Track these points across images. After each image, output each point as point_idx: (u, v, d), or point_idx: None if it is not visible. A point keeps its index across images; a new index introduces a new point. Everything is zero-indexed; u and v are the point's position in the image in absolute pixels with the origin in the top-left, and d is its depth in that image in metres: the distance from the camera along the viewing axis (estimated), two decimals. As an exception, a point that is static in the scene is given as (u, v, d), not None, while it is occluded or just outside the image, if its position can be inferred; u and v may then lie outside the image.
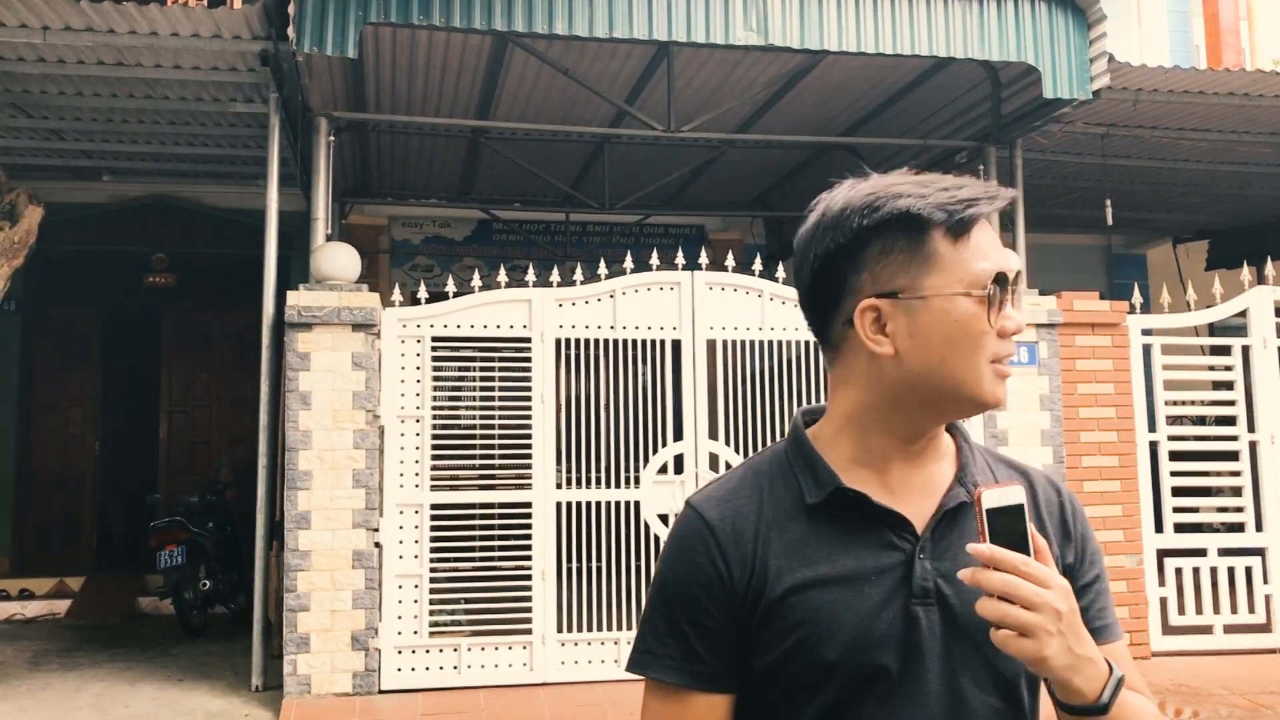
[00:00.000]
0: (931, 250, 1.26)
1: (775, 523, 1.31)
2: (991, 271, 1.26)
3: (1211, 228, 11.61)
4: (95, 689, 6.71)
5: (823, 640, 1.25)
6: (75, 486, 10.46)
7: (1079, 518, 1.39)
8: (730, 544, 1.31)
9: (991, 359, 1.26)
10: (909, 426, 1.32)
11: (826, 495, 1.30)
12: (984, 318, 1.25)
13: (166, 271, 10.72)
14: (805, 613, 1.26)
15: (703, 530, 1.33)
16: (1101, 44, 6.92)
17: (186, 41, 6.38)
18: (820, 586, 1.27)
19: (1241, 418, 7.55)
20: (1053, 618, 1.12)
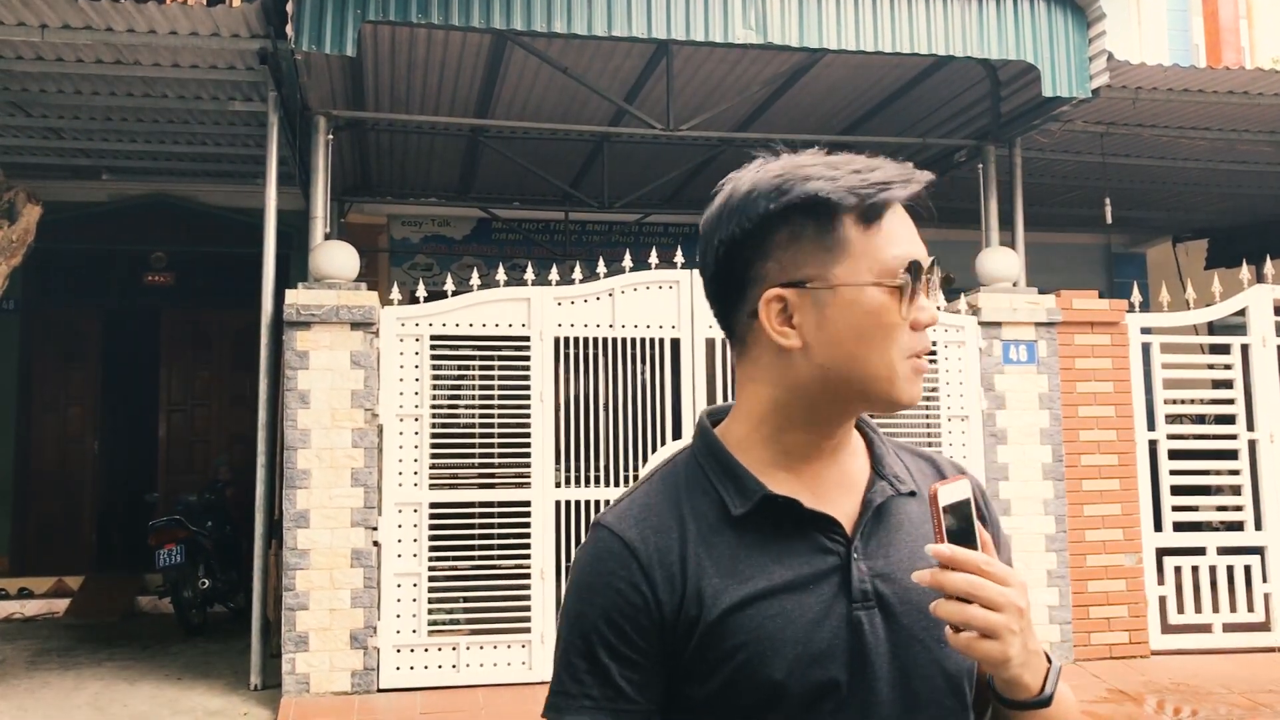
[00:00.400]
0: (841, 236, 1.19)
1: (701, 538, 1.21)
2: (905, 259, 1.18)
3: (1211, 226, 11.61)
4: (94, 688, 6.71)
5: (767, 659, 1.16)
6: (74, 485, 10.46)
7: (989, 507, 1.33)
8: (654, 566, 1.19)
9: (906, 354, 1.19)
10: (824, 424, 1.24)
11: (754, 504, 1.21)
12: (896, 309, 1.18)
13: (165, 270, 10.71)
14: (746, 633, 1.17)
15: (622, 553, 1.21)
16: (1101, 42, 6.91)
17: (185, 40, 6.37)
18: (759, 602, 1.18)
19: (1241, 416, 7.55)
20: (1016, 617, 1.08)
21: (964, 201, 8.69)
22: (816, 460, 1.25)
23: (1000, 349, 7.30)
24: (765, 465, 1.24)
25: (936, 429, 7.19)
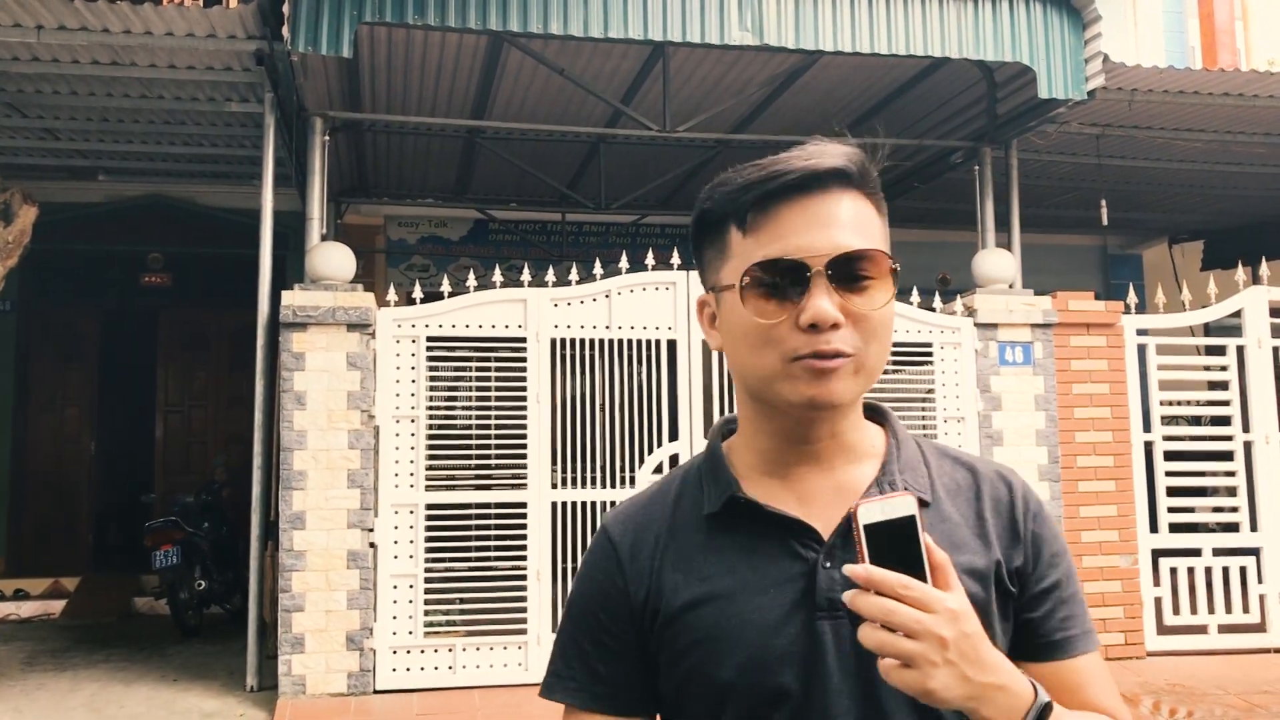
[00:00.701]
0: (726, 242, 1.21)
1: (675, 535, 1.25)
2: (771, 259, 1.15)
3: (1207, 228, 11.62)
4: (90, 689, 6.71)
5: (718, 660, 1.17)
6: (71, 486, 10.45)
7: (1034, 517, 1.24)
8: (628, 559, 1.25)
9: (789, 355, 1.14)
10: (778, 426, 1.22)
11: (723, 504, 1.22)
12: (768, 310, 1.15)
13: (162, 271, 10.71)
14: (700, 631, 1.18)
15: (605, 547, 1.28)
16: (1096, 44, 6.92)
17: (181, 41, 6.37)
18: (715, 601, 1.18)
19: (1236, 418, 7.56)
20: (935, 646, 0.99)
21: (960, 203, 8.71)
22: (801, 466, 1.23)
23: (996, 350, 7.31)
24: (755, 471, 1.25)
25: (933, 430, 7.20)
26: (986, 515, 1.23)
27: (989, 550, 1.21)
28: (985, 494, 1.25)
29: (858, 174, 1.19)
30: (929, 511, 1.20)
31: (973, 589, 1.13)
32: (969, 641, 1.02)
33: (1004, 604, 1.20)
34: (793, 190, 1.16)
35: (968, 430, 7.20)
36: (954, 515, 1.22)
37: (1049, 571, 1.22)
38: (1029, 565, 1.22)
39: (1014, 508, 1.24)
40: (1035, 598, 1.21)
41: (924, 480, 1.24)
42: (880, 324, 1.17)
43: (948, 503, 1.23)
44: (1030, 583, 1.22)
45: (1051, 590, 1.22)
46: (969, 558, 1.18)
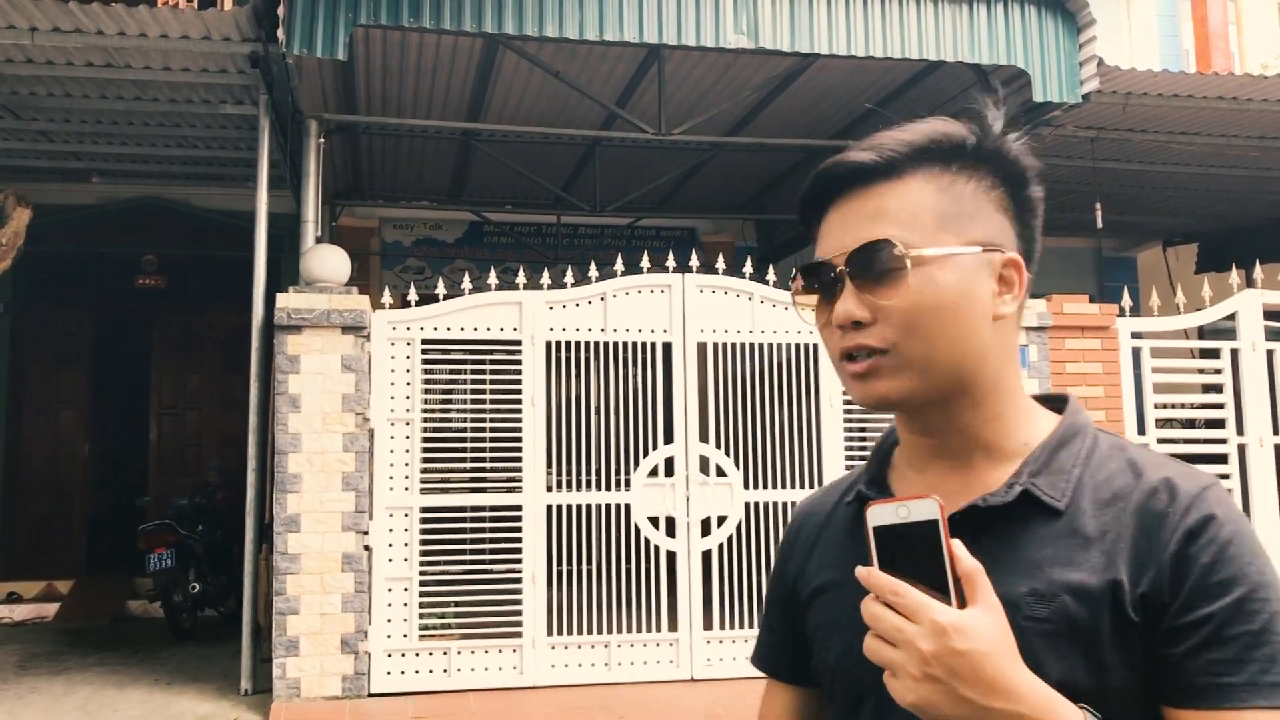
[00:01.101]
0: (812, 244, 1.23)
1: (830, 522, 1.30)
2: (805, 264, 1.17)
3: (1201, 231, 11.64)
4: (83, 693, 6.69)
5: (828, 645, 1.22)
6: (65, 489, 10.42)
7: (1190, 535, 1.02)
8: (793, 542, 1.35)
9: (837, 355, 1.16)
10: (900, 421, 1.22)
11: (854, 496, 1.26)
12: (817, 312, 1.17)
13: (157, 273, 10.69)
14: (821, 615, 1.24)
15: (789, 527, 1.39)
16: (1091, 48, 6.94)
17: (176, 43, 6.36)
18: (835, 589, 1.22)
19: (1230, 420, 7.57)
20: (914, 658, 0.95)
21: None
22: (935, 461, 1.18)
23: (991, 353, 7.30)
24: (905, 464, 1.24)
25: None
26: (1126, 528, 1.06)
27: (1110, 570, 1.04)
28: (1135, 503, 1.07)
29: (897, 158, 1.13)
30: (1059, 521, 1.08)
31: (1075, 612, 1.03)
32: (963, 659, 0.94)
33: (1125, 634, 1.03)
34: (830, 192, 1.17)
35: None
36: (1089, 527, 1.07)
37: (1199, 602, 1.00)
38: (1165, 592, 1.02)
39: (1164, 523, 1.04)
40: (1176, 631, 1.01)
41: (1064, 485, 1.10)
42: (913, 313, 1.09)
43: (1089, 513, 1.08)
44: (1168, 613, 1.02)
45: (1199, 625, 1.00)
46: (1081, 576, 1.05)
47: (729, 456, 6.94)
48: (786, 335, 7.10)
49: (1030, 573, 1.06)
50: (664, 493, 6.83)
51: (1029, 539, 1.09)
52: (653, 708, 6.21)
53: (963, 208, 1.13)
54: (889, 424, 1.30)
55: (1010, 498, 1.10)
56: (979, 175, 1.14)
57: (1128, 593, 1.03)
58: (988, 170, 1.15)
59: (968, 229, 1.12)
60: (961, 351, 1.11)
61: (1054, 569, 1.05)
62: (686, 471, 6.86)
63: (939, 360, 1.11)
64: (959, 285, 1.10)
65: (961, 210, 1.13)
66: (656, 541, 6.79)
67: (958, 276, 1.11)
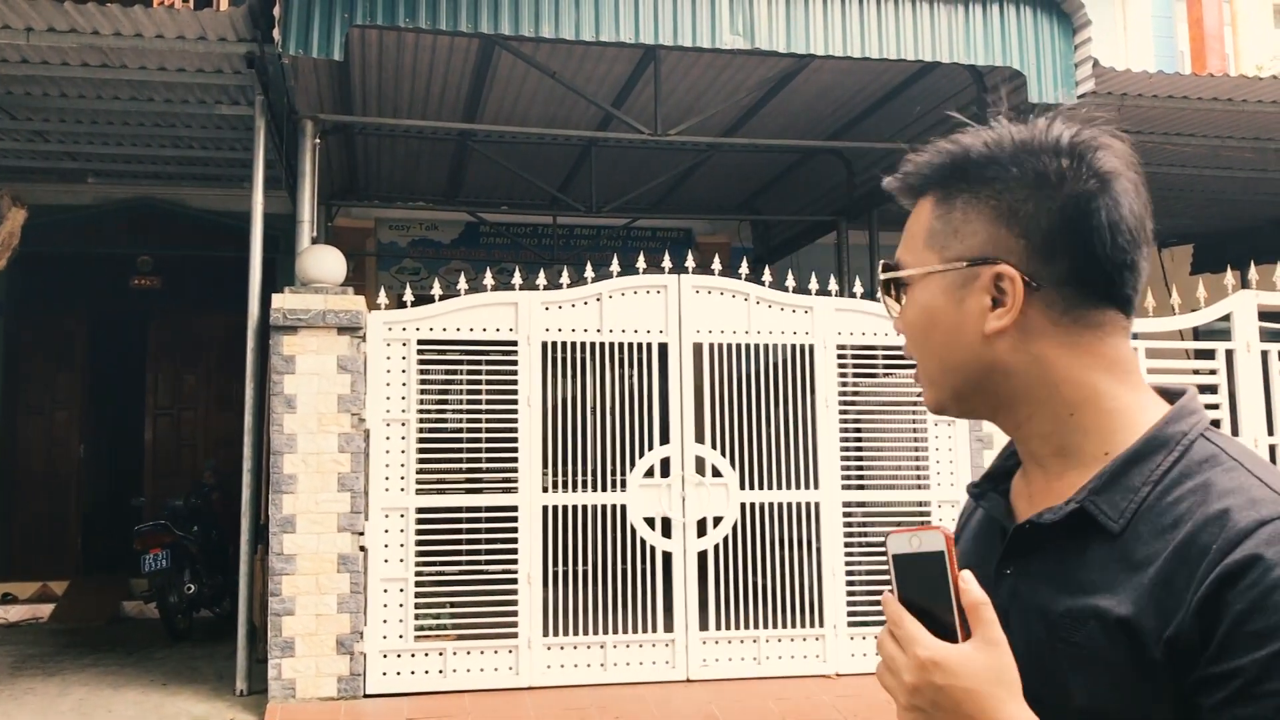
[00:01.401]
0: None
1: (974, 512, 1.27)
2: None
3: (1196, 232, 11.66)
4: (78, 694, 6.68)
5: None
6: (60, 489, 10.41)
7: (1228, 581, 0.92)
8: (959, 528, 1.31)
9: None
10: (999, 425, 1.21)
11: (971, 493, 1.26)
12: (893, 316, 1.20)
13: (152, 274, 10.68)
14: None
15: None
16: (1086, 49, 6.95)
17: (171, 43, 6.36)
18: None
19: (1226, 421, 7.57)
20: (900, 687, 0.98)
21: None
22: (1032, 466, 1.14)
23: (987, 354, 7.30)
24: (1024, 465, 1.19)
25: (923, 433, 7.21)
26: (1166, 561, 0.98)
27: (1134, 602, 0.98)
28: (1185, 534, 0.98)
29: (917, 182, 1.14)
30: (1114, 543, 1.02)
31: (1099, 639, 0.99)
32: (944, 694, 0.94)
33: (1148, 668, 0.97)
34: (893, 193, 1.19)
35: (958, 434, 7.21)
36: (1136, 554, 1.00)
37: (1231, 653, 0.91)
38: (1195, 636, 0.93)
39: (1204, 559, 0.95)
40: (1205, 682, 0.93)
41: (1126, 505, 1.02)
42: (909, 331, 1.14)
43: (1144, 539, 1.01)
44: (1200, 660, 0.93)
45: (1230, 678, 0.91)
46: (1111, 604, 0.99)
47: (725, 457, 6.94)
48: (782, 336, 7.10)
49: (1071, 593, 1.03)
50: (660, 493, 6.83)
51: (1080, 559, 1.04)
52: (649, 708, 6.21)
53: (949, 224, 1.11)
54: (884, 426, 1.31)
55: (1060, 516, 1.05)
56: (978, 187, 1.10)
57: (1150, 631, 0.96)
58: (991, 180, 1.09)
59: (950, 245, 1.10)
60: (955, 367, 1.10)
61: (1093, 593, 1.01)
62: (682, 472, 6.86)
63: (942, 374, 1.12)
64: (932, 303, 1.11)
65: (946, 227, 1.11)
66: (652, 542, 6.79)
67: (931, 295, 1.11)
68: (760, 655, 6.81)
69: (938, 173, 1.12)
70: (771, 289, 7.16)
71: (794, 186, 10.65)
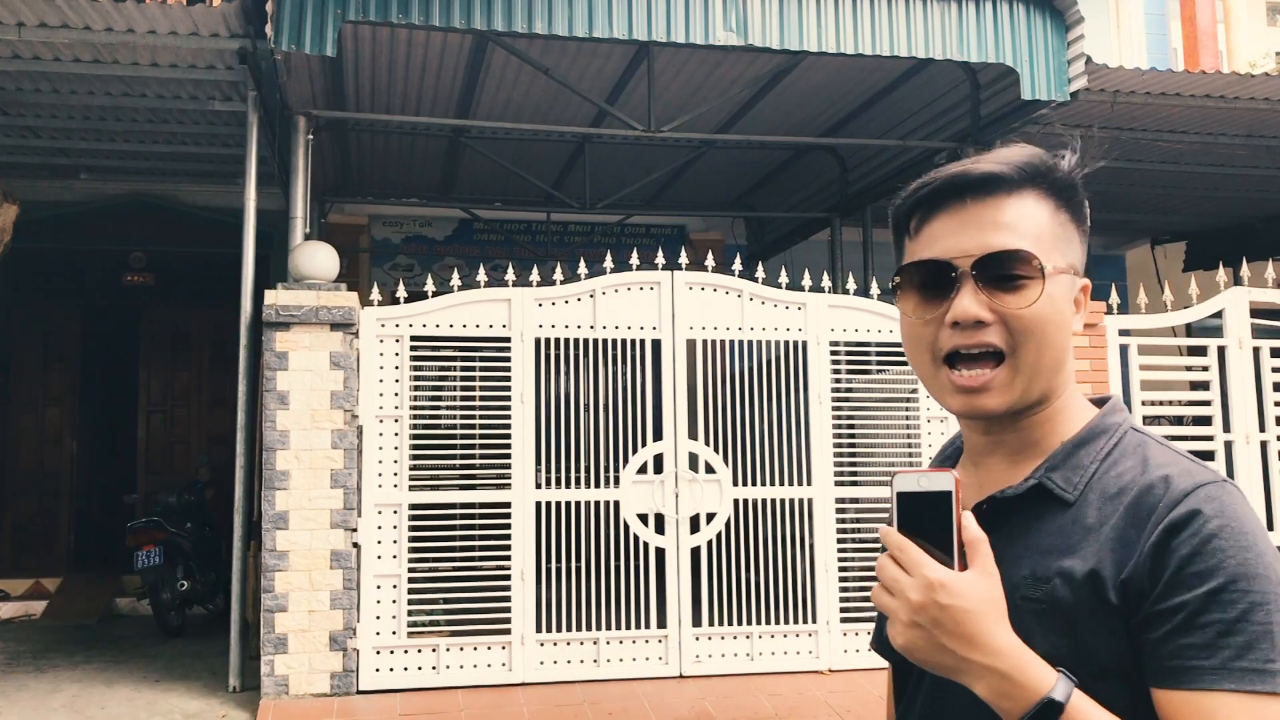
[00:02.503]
0: (902, 247, 1.30)
1: None
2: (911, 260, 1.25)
3: (1189, 229, 11.69)
4: (71, 690, 6.67)
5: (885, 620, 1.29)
6: (52, 486, 10.40)
7: (1173, 530, 1.10)
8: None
9: (942, 353, 1.22)
10: (963, 421, 1.30)
11: None
12: (915, 310, 1.23)
13: (145, 270, 10.66)
14: None
15: None
16: (1079, 46, 6.96)
17: (164, 39, 6.34)
18: None
19: (1217, 418, 7.60)
20: (905, 606, 1.08)
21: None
22: (990, 455, 1.28)
23: (980, 350, 7.31)
24: (967, 456, 1.33)
25: (916, 430, 7.22)
26: (1119, 520, 1.15)
27: (1095, 558, 1.13)
28: (1132, 497, 1.15)
29: (1021, 176, 1.23)
30: (1068, 512, 1.18)
31: (1061, 595, 1.14)
32: (946, 613, 1.06)
33: (1105, 617, 1.12)
34: (949, 196, 1.23)
35: (949, 430, 7.20)
36: (1090, 518, 1.17)
37: (1174, 591, 1.08)
38: (1144, 580, 1.10)
39: (1151, 515, 1.12)
40: (1152, 617, 1.09)
41: (1078, 479, 1.20)
42: (1035, 323, 1.19)
43: (1095, 505, 1.18)
44: (1146, 599, 1.10)
45: (1173, 612, 1.07)
46: (1071, 562, 1.15)
47: (718, 453, 6.95)
48: (776, 332, 7.11)
49: (1033, 558, 1.17)
50: (653, 489, 6.83)
51: (1040, 528, 1.20)
52: (642, 704, 6.22)
53: (1065, 233, 1.24)
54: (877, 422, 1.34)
55: (1023, 490, 1.21)
56: (1069, 206, 1.25)
57: (1109, 579, 1.12)
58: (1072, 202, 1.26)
59: (1068, 253, 1.23)
60: (1058, 361, 1.22)
61: (1051, 556, 1.17)
62: (675, 468, 6.86)
63: (1044, 368, 1.20)
64: (1065, 302, 1.22)
65: (1063, 235, 1.24)
66: (646, 538, 6.79)
67: (1064, 294, 1.22)
68: (753, 651, 6.82)
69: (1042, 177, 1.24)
70: (765, 286, 7.16)
71: (788, 183, 10.66)
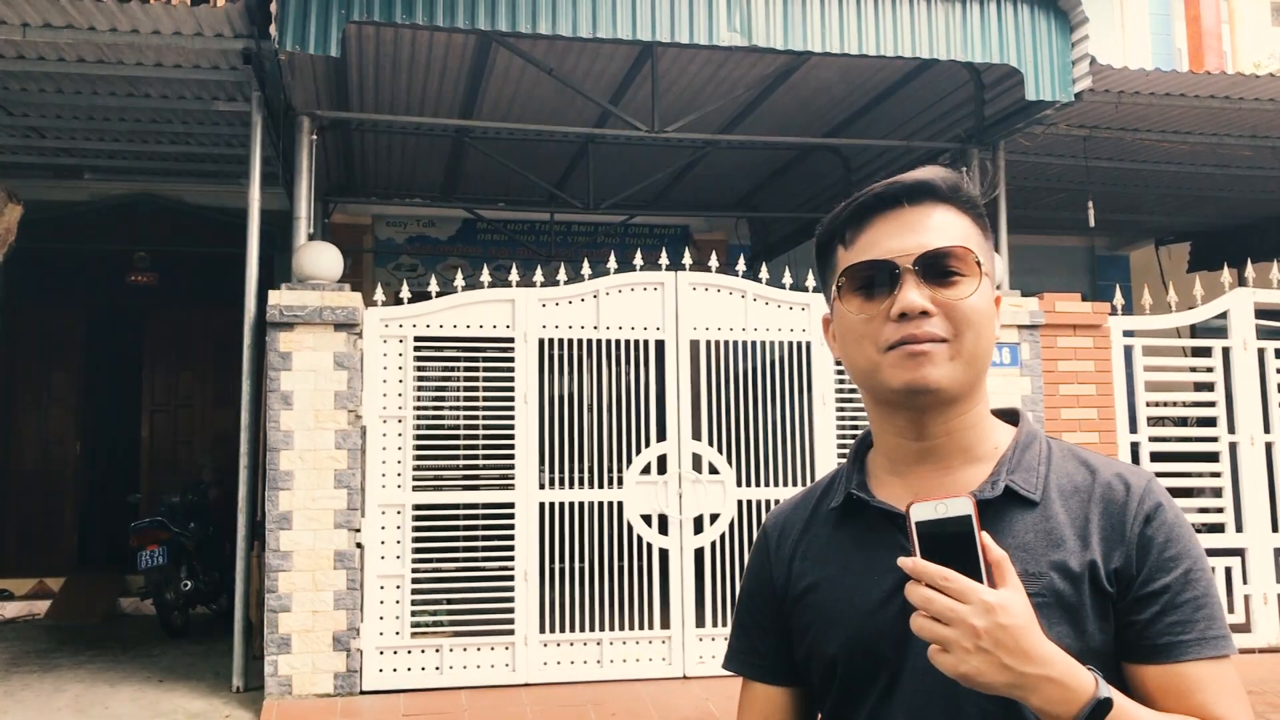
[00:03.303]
0: (835, 258, 1.36)
1: (810, 527, 1.42)
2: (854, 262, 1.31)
3: (1194, 230, 11.67)
4: (74, 690, 6.68)
5: (825, 637, 1.33)
6: (56, 486, 10.40)
7: (1147, 519, 1.25)
8: (774, 548, 1.45)
9: (884, 345, 1.28)
10: (895, 424, 1.34)
11: (842, 500, 1.38)
12: (859, 308, 1.30)
13: (149, 270, 10.66)
14: (814, 611, 1.36)
15: (761, 537, 1.50)
16: (1084, 46, 6.95)
17: (168, 39, 6.34)
18: (829, 586, 1.35)
19: (1222, 419, 7.59)
20: (966, 633, 1.10)
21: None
22: (919, 465, 1.34)
23: (984, 351, 7.30)
24: (883, 470, 1.38)
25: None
26: (1093, 516, 1.27)
27: (1086, 550, 1.24)
28: (1097, 495, 1.28)
29: (947, 190, 1.32)
30: (1035, 511, 1.28)
31: (1061, 587, 1.23)
32: (1007, 632, 1.10)
33: (1101, 604, 1.23)
34: (885, 204, 1.31)
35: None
36: (1060, 515, 1.27)
37: (1158, 575, 1.23)
38: (1132, 567, 1.24)
39: (1125, 509, 1.26)
40: (1140, 600, 1.23)
41: (1035, 481, 1.30)
42: (972, 313, 1.28)
43: (1058, 503, 1.28)
44: (1134, 585, 1.23)
45: (1159, 594, 1.22)
46: (1063, 556, 1.24)
47: (722, 454, 6.94)
48: (779, 333, 7.10)
49: (1019, 556, 1.22)
50: (657, 490, 6.83)
51: (1013, 528, 1.27)
52: (645, 705, 6.22)
53: (982, 243, 1.34)
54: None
55: (996, 493, 1.28)
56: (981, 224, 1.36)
57: (1102, 569, 1.23)
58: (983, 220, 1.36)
59: (988, 261, 1.32)
60: (987, 355, 1.31)
61: (1039, 552, 1.24)
62: (679, 469, 6.86)
63: (979, 358, 1.30)
64: (991, 302, 1.32)
65: (986, 244, 1.34)
66: (649, 539, 6.79)
67: (990, 295, 1.32)
68: (757, 652, 6.81)
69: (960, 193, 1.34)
70: (768, 286, 7.16)
71: (791, 183, 10.65)
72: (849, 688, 1.32)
